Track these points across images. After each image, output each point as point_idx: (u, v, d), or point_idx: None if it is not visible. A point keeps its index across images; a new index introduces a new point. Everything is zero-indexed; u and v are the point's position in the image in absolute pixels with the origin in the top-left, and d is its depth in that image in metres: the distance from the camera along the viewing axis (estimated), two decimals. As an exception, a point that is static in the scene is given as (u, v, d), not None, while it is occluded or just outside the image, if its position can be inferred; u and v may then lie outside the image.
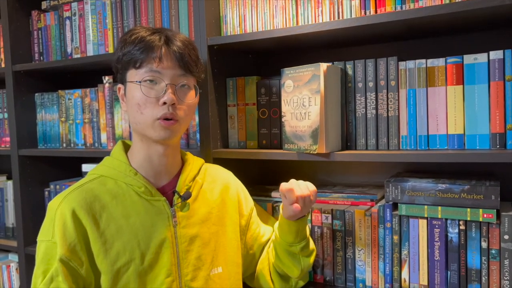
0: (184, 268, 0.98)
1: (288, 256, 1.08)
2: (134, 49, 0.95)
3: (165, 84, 0.95)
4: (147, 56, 0.94)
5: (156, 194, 0.99)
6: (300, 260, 1.08)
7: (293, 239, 1.06)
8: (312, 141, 1.11)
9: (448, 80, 1.06)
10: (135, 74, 0.96)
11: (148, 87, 0.95)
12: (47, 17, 1.70)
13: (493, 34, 1.21)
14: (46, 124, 1.74)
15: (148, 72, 0.95)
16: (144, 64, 0.95)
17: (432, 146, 1.09)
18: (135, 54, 0.95)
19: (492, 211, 1.02)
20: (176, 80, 0.97)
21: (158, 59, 0.94)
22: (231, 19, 1.31)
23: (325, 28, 1.12)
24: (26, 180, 1.74)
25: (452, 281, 1.07)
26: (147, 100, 0.94)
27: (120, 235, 0.94)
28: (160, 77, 0.95)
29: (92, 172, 1.03)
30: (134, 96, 0.96)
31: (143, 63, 0.95)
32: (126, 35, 0.99)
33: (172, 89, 0.95)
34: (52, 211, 0.95)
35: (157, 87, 0.95)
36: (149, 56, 0.94)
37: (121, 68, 0.99)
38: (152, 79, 0.95)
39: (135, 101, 0.96)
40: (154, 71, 0.95)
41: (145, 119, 0.95)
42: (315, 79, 1.09)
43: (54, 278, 0.90)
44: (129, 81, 0.97)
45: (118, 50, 0.99)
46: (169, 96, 0.94)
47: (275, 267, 1.13)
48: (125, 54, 0.96)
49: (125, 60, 0.97)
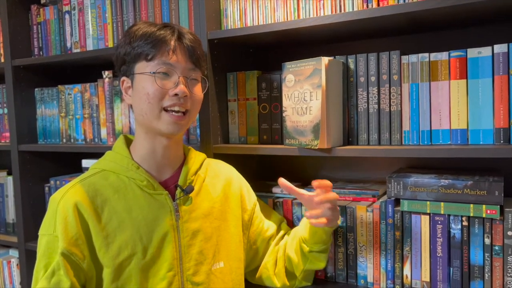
0: (186, 262, 0.98)
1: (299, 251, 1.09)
2: (146, 42, 0.96)
3: (177, 77, 0.96)
4: (160, 49, 0.96)
5: (159, 188, 0.99)
6: (306, 260, 1.09)
7: (308, 238, 1.07)
8: (313, 136, 1.09)
9: (452, 74, 1.05)
10: (146, 66, 0.97)
11: (161, 78, 0.96)
12: (47, 11, 1.69)
13: (497, 27, 1.19)
14: (46, 120, 1.73)
15: (161, 65, 0.96)
16: (157, 57, 0.96)
17: (435, 142, 1.08)
18: (147, 47, 0.96)
19: (495, 207, 1.01)
20: (187, 73, 0.98)
21: (171, 52, 0.96)
22: (232, 12, 1.30)
23: (326, 21, 1.10)
24: (26, 176, 1.73)
25: (454, 277, 1.06)
26: (157, 91, 0.95)
27: (122, 229, 0.94)
28: (173, 69, 0.97)
29: (94, 167, 1.03)
30: (145, 86, 0.96)
31: (156, 55, 0.96)
32: (131, 29, 1.00)
33: (184, 82, 0.97)
34: (54, 205, 0.95)
35: (169, 79, 0.97)
36: (163, 49, 0.96)
37: (128, 61, 0.99)
38: (165, 71, 0.96)
39: (145, 91, 0.96)
40: (167, 63, 0.96)
41: (152, 108, 0.96)
42: (317, 74, 1.08)
43: (56, 272, 0.90)
44: (139, 72, 0.97)
45: (125, 44, 0.99)
46: (181, 88, 0.95)
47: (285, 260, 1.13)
48: (134, 47, 0.97)
49: (135, 53, 0.97)
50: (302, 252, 1.09)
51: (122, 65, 1.01)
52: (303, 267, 1.10)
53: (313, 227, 1.05)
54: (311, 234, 1.06)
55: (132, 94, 1.00)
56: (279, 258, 1.14)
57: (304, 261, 1.10)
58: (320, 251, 1.08)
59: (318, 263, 1.10)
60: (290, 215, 1.26)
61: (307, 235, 1.07)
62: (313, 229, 1.05)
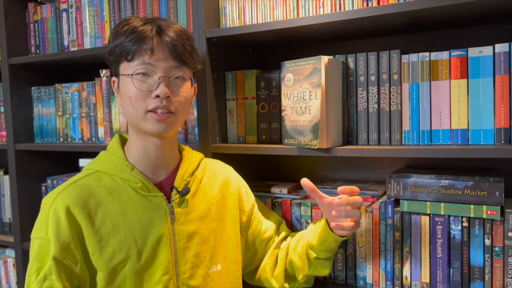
0: (182, 266, 0.96)
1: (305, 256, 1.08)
2: (126, 41, 0.92)
3: (158, 77, 0.92)
4: (139, 48, 0.92)
5: (154, 189, 0.97)
6: (310, 266, 1.08)
7: (316, 245, 1.05)
8: (312, 136, 1.08)
9: (452, 73, 1.04)
10: (127, 67, 0.94)
11: (141, 80, 0.93)
12: (44, 9, 1.68)
13: (498, 26, 1.18)
14: (43, 118, 1.72)
15: (141, 65, 0.92)
16: (136, 57, 0.92)
17: (435, 142, 1.07)
18: (126, 46, 0.92)
19: (496, 208, 1.00)
20: (169, 72, 0.94)
21: (150, 51, 0.92)
22: (230, 11, 1.29)
23: (326, 20, 1.09)
24: (23, 175, 1.72)
25: (454, 278, 1.05)
26: (138, 93, 0.92)
27: (116, 232, 0.92)
28: (153, 69, 0.92)
29: (87, 167, 1.01)
30: (127, 90, 0.94)
31: (135, 55, 0.92)
32: (118, 25, 0.96)
33: (165, 82, 0.93)
34: (46, 207, 0.93)
35: (149, 80, 0.93)
36: (141, 48, 0.92)
37: (113, 61, 0.97)
38: (144, 71, 0.92)
39: (127, 94, 0.93)
40: (147, 63, 0.92)
41: (137, 111, 0.93)
42: (316, 73, 1.06)
43: (48, 277, 0.88)
44: (122, 74, 0.95)
45: (110, 42, 0.97)
46: (162, 89, 0.91)
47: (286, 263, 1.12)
48: (116, 46, 0.94)
49: (117, 52, 0.94)
50: (307, 257, 1.08)
51: (111, 65, 0.99)
52: (307, 272, 1.08)
53: (324, 234, 1.03)
54: (321, 241, 1.04)
55: (119, 95, 0.98)
56: (280, 261, 1.12)
57: (308, 266, 1.08)
58: (326, 258, 1.07)
59: (322, 270, 1.08)
60: (289, 215, 1.25)
61: (316, 241, 1.05)
62: (323, 237, 1.03)
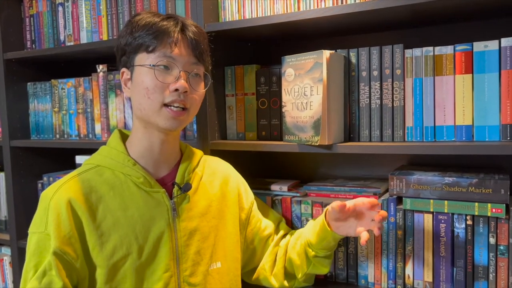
0: (183, 263, 0.95)
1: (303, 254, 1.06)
2: (148, 33, 0.92)
3: (178, 71, 0.92)
4: (162, 41, 0.92)
5: (156, 185, 0.96)
6: (309, 264, 1.06)
7: (315, 243, 1.03)
8: (313, 132, 1.06)
9: (457, 68, 1.02)
10: (146, 57, 0.93)
11: (161, 71, 0.92)
12: (39, 3, 1.65)
13: (504, 20, 1.16)
14: (39, 115, 1.70)
15: (162, 57, 0.92)
16: (159, 49, 0.92)
17: (439, 138, 1.05)
18: (148, 38, 0.92)
19: (501, 206, 0.99)
20: (189, 67, 0.94)
21: (174, 45, 0.92)
22: (230, 5, 1.26)
23: (327, 13, 1.07)
24: (18, 172, 1.70)
25: (458, 278, 1.04)
26: (157, 85, 0.91)
27: (117, 228, 0.91)
28: (174, 63, 0.92)
29: (88, 162, 0.99)
30: (144, 80, 0.92)
31: (157, 47, 0.92)
32: (134, 18, 0.96)
33: (185, 77, 0.93)
34: (45, 201, 0.91)
35: (169, 73, 0.93)
36: (165, 41, 0.92)
37: (129, 52, 0.95)
38: (166, 64, 0.92)
39: (144, 85, 0.92)
40: (168, 56, 0.92)
41: (152, 104, 0.92)
42: (318, 67, 1.04)
43: (47, 272, 0.86)
44: (139, 64, 0.93)
45: (126, 34, 0.95)
46: (182, 83, 0.91)
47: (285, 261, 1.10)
48: (136, 38, 0.93)
49: (135, 44, 0.93)
50: (306, 256, 1.06)
51: (123, 55, 0.97)
52: (306, 270, 1.07)
53: (322, 233, 1.02)
54: (319, 239, 1.03)
55: (131, 87, 0.97)
56: (279, 259, 1.11)
57: (307, 264, 1.07)
58: (325, 256, 1.05)
59: (322, 268, 1.07)
60: (289, 213, 1.24)
61: (314, 240, 1.04)
62: (322, 235, 1.02)
